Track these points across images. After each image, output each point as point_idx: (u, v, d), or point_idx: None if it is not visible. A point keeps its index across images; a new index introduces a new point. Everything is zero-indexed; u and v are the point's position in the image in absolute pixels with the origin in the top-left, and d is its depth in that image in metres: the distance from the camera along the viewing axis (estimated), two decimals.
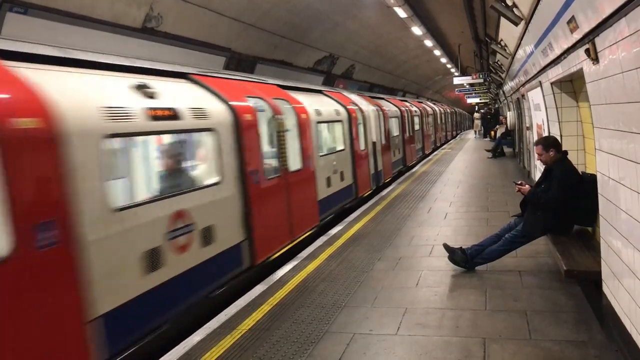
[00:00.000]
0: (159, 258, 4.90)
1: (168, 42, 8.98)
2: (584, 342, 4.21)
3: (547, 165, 6.06)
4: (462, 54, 25.16)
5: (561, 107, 7.02)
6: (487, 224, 8.68)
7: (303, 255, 7.49)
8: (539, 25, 5.99)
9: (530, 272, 6.02)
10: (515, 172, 15.25)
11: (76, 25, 7.04)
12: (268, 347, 4.53)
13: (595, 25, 3.70)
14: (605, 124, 3.89)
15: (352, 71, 19.65)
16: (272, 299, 5.73)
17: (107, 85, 4.99)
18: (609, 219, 4.03)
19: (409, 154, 19.07)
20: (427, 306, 5.25)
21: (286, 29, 12.50)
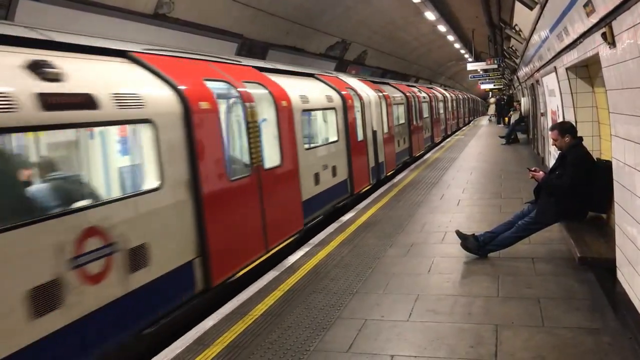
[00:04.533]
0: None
1: (179, 29, 8.97)
2: (597, 330, 4.18)
3: (561, 151, 6.00)
4: (476, 39, 24.92)
5: (576, 93, 6.93)
6: (500, 210, 8.63)
7: (314, 241, 7.50)
8: (554, 9, 5.89)
9: (543, 259, 5.98)
10: (529, 159, 15.13)
11: (88, 11, 7.06)
12: (280, 333, 4.56)
13: (612, 9, 3.63)
14: (622, 110, 3.83)
15: (365, 57, 19.53)
16: (283, 285, 5.75)
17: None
18: (624, 205, 3.99)
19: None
20: (439, 293, 5.24)
21: (298, 14, 12.43)
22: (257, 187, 6.68)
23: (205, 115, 5.65)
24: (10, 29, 4.38)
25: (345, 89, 11.09)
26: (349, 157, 10.56)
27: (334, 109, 10.18)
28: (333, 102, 10.18)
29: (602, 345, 3.93)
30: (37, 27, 4.80)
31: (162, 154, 4.95)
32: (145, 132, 4.94)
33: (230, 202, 5.98)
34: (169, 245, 4.97)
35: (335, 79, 11.52)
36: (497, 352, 3.95)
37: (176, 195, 5.12)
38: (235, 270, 6.00)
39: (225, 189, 5.89)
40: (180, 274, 5.12)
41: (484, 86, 38.33)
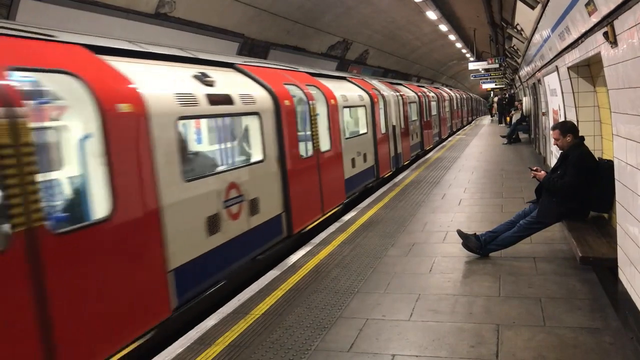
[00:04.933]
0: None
1: (181, 28, 8.98)
2: (598, 329, 4.18)
3: (563, 151, 5.99)
4: (477, 38, 24.91)
5: (578, 92, 6.91)
6: (501, 210, 8.62)
7: (316, 241, 7.50)
8: (556, 9, 5.88)
9: (544, 258, 5.98)
10: (531, 158, 15.11)
11: (90, 11, 7.07)
12: (281, 332, 4.56)
13: (614, 8, 3.62)
14: (623, 109, 3.82)
15: (366, 56, 19.53)
16: (285, 285, 5.75)
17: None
18: (625, 205, 3.98)
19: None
20: (440, 292, 5.24)
21: (299, 13, 12.43)
22: (317, 166, 8.61)
23: (287, 110, 7.56)
24: (166, 50, 6.24)
25: (371, 90, 12.96)
26: (375, 147, 12.46)
27: (364, 106, 12.08)
28: (363, 100, 12.00)
29: (603, 344, 3.93)
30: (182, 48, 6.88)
31: (264, 138, 6.97)
32: (255, 122, 6.94)
33: (302, 174, 7.99)
34: (268, 201, 6.98)
35: (362, 81, 13.34)
36: (499, 351, 3.95)
37: (272, 167, 7.15)
38: (305, 224, 8.05)
39: (299, 165, 7.89)
40: (275, 222, 7.18)
41: (486, 86, 38.37)
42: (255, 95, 6.91)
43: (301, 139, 8.13)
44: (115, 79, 4.68)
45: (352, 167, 10.68)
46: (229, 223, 5.98)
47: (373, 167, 12.24)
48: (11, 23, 4.75)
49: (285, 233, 7.39)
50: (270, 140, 7.09)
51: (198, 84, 5.83)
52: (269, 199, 6.95)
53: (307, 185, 8.17)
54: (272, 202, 7.07)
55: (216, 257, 5.71)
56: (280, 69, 8.76)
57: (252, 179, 6.53)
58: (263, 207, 6.74)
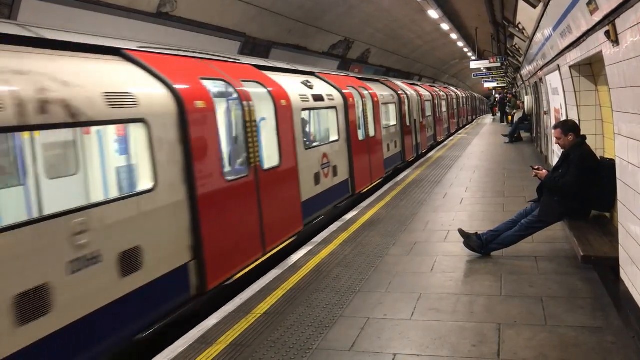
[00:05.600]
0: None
1: (182, 27, 8.98)
2: (600, 328, 4.17)
3: (565, 150, 5.98)
4: (479, 37, 24.87)
5: (579, 91, 6.90)
6: (503, 209, 8.62)
7: (317, 240, 7.50)
8: (557, 7, 5.87)
9: (546, 257, 5.97)
10: (533, 157, 15.10)
11: (91, 10, 7.07)
12: (282, 331, 4.56)
13: (615, 7, 3.61)
14: (625, 108, 3.82)
15: (368, 55, 19.52)
16: (286, 284, 5.76)
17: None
18: (627, 204, 3.97)
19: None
20: (442, 291, 5.24)
21: (301, 12, 12.43)
22: (368, 146, 11.64)
23: (351, 106, 10.63)
24: (284, 65, 9.67)
25: (399, 90, 15.95)
26: (402, 136, 15.48)
27: (394, 103, 15.17)
28: (394, 99, 15.15)
29: (605, 344, 3.93)
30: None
31: (339, 124, 9.99)
32: (332, 113, 9.98)
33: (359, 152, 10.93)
34: (342, 168, 9.91)
35: (391, 83, 16.50)
36: (500, 351, 3.95)
37: (343, 145, 10.10)
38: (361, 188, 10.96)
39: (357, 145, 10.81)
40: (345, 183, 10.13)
41: (487, 84, 38.34)
42: (333, 95, 10.03)
43: (365, 123, 11.61)
44: (274, 85, 7.70)
45: (388, 151, 13.70)
46: (324, 179, 9.07)
47: (400, 152, 15.25)
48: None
49: (350, 192, 10.46)
50: (342, 126, 10.17)
51: (305, 88, 8.96)
52: (341, 167, 9.92)
53: (362, 160, 11.08)
54: (343, 169, 10.05)
55: (318, 200, 8.75)
56: (343, 75, 12.43)
57: (333, 152, 9.55)
58: (339, 172, 9.80)
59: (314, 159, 8.63)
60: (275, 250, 6.89)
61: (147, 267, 4.59)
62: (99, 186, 5.33)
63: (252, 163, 6.46)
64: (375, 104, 12.64)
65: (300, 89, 8.57)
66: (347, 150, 10.32)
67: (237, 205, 6.08)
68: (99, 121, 4.44)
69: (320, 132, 10.52)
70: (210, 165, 5.57)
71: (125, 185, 5.29)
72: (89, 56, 4.82)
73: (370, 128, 11.97)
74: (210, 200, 5.47)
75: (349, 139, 10.36)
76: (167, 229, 4.92)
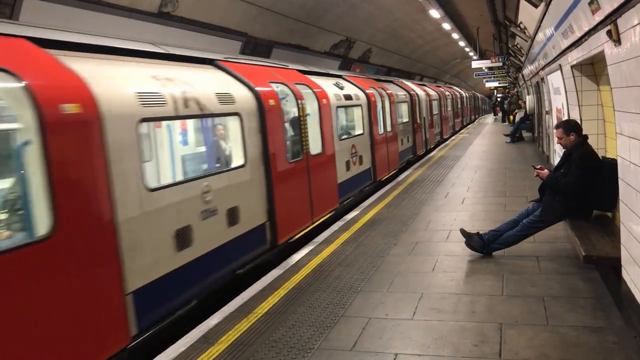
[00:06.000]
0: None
1: (184, 27, 8.98)
2: (601, 328, 4.17)
3: (566, 149, 5.98)
4: (480, 37, 24.84)
5: (581, 91, 6.89)
6: (504, 209, 8.61)
7: (319, 240, 7.50)
8: (559, 7, 5.86)
9: (548, 257, 5.97)
10: (534, 157, 15.08)
11: (93, 10, 7.08)
12: (284, 331, 4.56)
13: (617, 6, 3.61)
14: (627, 108, 3.81)
15: (369, 55, 19.52)
16: (287, 283, 5.76)
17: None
18: (629, 204, 3.97)
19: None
20: (443, 291, 5.24)
21: (302, 12, 12.42)
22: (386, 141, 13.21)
23: (373, 104, 12.21)
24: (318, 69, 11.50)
25: (411, 90, 17.59)
26: (413, 132, 17.09)
27: (407, 102, 16.61)
28: (406, 98, 16.62)
29: (606, 344, 3.92)
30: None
31: (363, 121, 11.56)
32: (358, 110, 11.51)
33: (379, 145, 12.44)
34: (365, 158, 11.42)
35: (403, 83, 18.04)
36: (501, 350, 3.95)
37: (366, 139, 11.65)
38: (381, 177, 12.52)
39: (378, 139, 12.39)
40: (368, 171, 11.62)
41: (489, 84, 38.29)
42: (359, 94, 11.48)
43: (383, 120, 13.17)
44: (317, 86, 9.19)
45: (402, 145, 15.13)
46: (353, 166, 10.50)
47: (412, 146, 16.88)
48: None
49: (372, 179, 11.90)
50: (366, 122, 11.61)
51: (337, 89, 10.42)
52: (365, 157, 11.36)
53: (381, 152, 12.62)
54: (367, 159, 11.48)
55: (349, 183, 10.18)
56: (363, 78, 13.84)
57: (359, 144, 10.99)
58: (364, 161, 11.23)
59: (346, 149, 10.28)
60: (319, 221, 8.45)
61: (242, 222, 6.13)
62: (214, 159, 6.99)
63: (305, 149, 8.12)
64: (392, 103, 14.18)
65: (334, 90, 10.17)
66: (370, 143, 11.83)
67: (296, 182, 7.71)
68: (215, 114, 6.01)
69: (349, 127, 11.72)
70: (279, 149, 7.12)
71: (229, 161, 6.62)
72: (195, 65, 6.34)
73: (388, 124, 13.53)
74: (279, 176, 7.03)
75: (371, 133, 11.91)
76: (253, 195, 6.50)
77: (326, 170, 9.00)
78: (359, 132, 11.39)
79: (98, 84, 4.26)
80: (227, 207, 5.82)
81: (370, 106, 11.85)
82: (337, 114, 9.86)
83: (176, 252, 4.94)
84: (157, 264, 4.69)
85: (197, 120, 6.97)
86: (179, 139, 7.36)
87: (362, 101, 11.49)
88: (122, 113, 4.42)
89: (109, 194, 4.16)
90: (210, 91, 5.88)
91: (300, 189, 7.81)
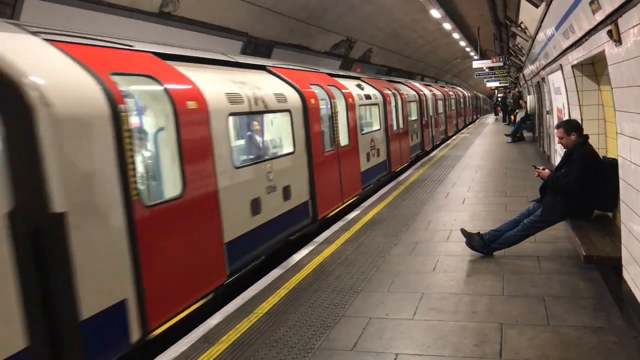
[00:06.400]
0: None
1: (185, 27, 8.98)
2: (602, 328, 4.17)
3: (567, 149, 5.97)
4: (481, 37, 24.85)
5: (582, 91, 6.89)
6: (505, 209, 8.61)
7: (319, 240, 7.50)
8: (560, 7, 5.86)
9: (548, 257, 5.97)
10: (535, 157, 15.07)
11: (94, 10, 7.08)
12: (284, 331, 4.57)
13: (618, 6, 3.61)
14: (628, 107, 3.81)
15: (370, 55, 19.51)
16: (288, 283, 5.76)
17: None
18: (630, 204, 3.97)
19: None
20: (444, 291, 5.24)
21: (303, 12, 12.42)
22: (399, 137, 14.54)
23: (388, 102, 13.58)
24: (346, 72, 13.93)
25: (419, 90, 18.97)
26: (422, 129, 18.43)
27: (416, 102, 17.88)
28: (415, 98, 17.84)
29: (607, 344, 3.92)
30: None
31: (380, 116, 12.96)
32: (376, 108, 12.90)
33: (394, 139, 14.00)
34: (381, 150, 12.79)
35: (412, 84, 19.52)
36: (502, 350, 3.95)
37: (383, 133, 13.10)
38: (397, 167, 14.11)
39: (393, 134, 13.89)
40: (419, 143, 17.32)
41: (490, 84, 38.25)
42: (376, 94, 12.84)
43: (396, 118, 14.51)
44: (345, 87, 10.78)
45: (412, 140, 16.55)
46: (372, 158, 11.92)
47: (421, 142, 18.11)
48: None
49: (387, 170, 13.28)
50: (382, 118, 13.09)
51: (359, 89, 11.70)
52: (382, 150, 12.79)
53: (395, 146, 13.91)
54: (383, 152, 12.92)
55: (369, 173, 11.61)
56: (378, 79, 15.23)
57: (376, 138, 12.36)
58: (380, 154, 12.68)
59: (367, 142, 11.60)
60: (347, 202, 9.89)
61: (292, 198, 7.55)
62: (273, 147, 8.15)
63: (336, 141, 9.49)
64: (404, 102, 15.61)
65: (357, 90, 11.48)
66: (386, 138, 13.15)
67: (330, 169, 9.06)
68: (274, 110, 7.39)
69: (369, 123, 12.83)
70: (318, 140, 8.51)
71: (283, 149, 7.97)
72: (251, 71, 7.66)
73: (400, 121, 14.90)
74: (317, 163, 8.41)
75: (386, 129, 13.24)
76: (299, 177, 7.90)
77: (352, 160, 10.38)
78: (377, 127, 12.75)
79: (204, 87, 5.64)
80: (282, 185, 7.22)
81: (385, 105, 13.23)
82: (359, 111, 11.22)
83: (252, 217, 6.34)
84: (240, 223, 6.09)
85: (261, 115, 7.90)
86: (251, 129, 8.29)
87: (379, 100, 12.90)
88: (220, 108, 5.79)
89: (213, 168, 5.54)
90: (270, 92, 7.27)
91: (333, 175, 9.24)
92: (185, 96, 5.19)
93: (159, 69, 5.20)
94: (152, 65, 5.20)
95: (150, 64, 5.20)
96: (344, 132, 10.10)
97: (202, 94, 5.47)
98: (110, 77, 4.29)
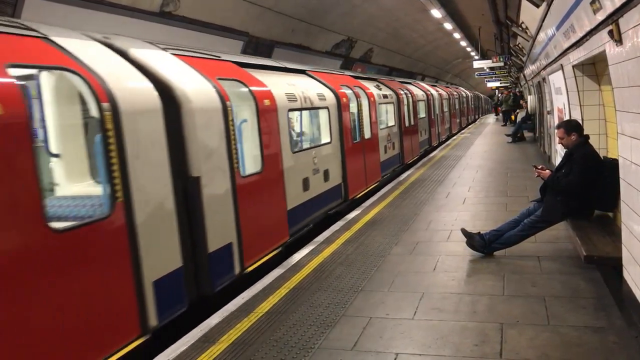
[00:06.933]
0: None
1: (185, 27, 8.98)
2: (602, 328, 4.17)
3: (568, 149, 5.97)
4: (482, 37, 24.83)
5: (583, 91, 6.89)
6: (506, 209, 8.61)
7: (320, 239, 7.50)
8: (560, 7, 5.86)
9: (549, 257, 5.96)
10: (536, 157, 15.06)
11: (94, 9, 7.08)
12: (285, 330, 4.57)
13: (619, 6, 3.60)
14: (628, 107, 3.81)
15: (370, 55, 19.52)
16: (288, 283, 5.76)
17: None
18: (630, 204, 3.97)
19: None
20: (444, 291, 5.24)
21: (304, 12, 12.42)
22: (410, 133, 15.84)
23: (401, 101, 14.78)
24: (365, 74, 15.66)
25: (427, 90, 20.14)
26: (429, 126, 19.62)
27: (424, 100, 19.00)
28: (424, 97, 18.95)
29: (607, 343, 3.92)
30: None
31: (395, 115, 14.24)
32: (391, 106, 14.14)
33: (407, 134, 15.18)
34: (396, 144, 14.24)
35: (419, 84, 20.92)
36: (502, 350, 3.95)
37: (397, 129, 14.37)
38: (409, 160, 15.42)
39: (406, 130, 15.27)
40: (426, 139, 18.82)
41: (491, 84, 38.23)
42: (392, 94, 14.17)
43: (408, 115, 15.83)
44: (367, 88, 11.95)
45: (421, 136, 17.90)
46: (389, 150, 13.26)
47: (428, 138, 19.51)
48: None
49: (400, 162, 14.52)
50: (396, 116, 14.30)
51: (378, 90, 12.91)
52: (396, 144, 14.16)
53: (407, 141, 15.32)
54: (397, 146, 14.26)
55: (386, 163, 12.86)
56: (390, 80, 16.49)
57: (392, 133, 13.74)
58: (395, 147, 13.98)
59: (385, 136, 12.95)
60: (370, 187, 11.24)
61: (330, 180, 9.02)
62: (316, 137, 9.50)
63: (361, 134, 10.84)
64: (414, 101, 16.86)
65: (376, 90, 12.74)
66: (399, 133, 14.51)
67: (357, 157, 10.45)
68: (317, 107, 8.81)
69: (385, 119, 13.86)
70: (348, 133, 9.97)
71: (323, 138, 9.32)
72: (295, 75, 9.14)
73: (411, 118, 16.31)
74: (348, 152, 9.87)
75: (400, 125, 14.58)
76: (335, 163, 9.34)
77: (374, 151, 11.82)
78: (392, 124, 14.05)
79: (273, 88, 7.09)
80: (323, 169, 8.70)
81: (399, 104, 14.67)
82: (379, 109, 12.65)
83: (303, 192, 7.81)
84: (297, 196, 7.54)
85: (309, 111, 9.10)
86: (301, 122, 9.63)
87: (393, 99, 14.35)
88: (283, 106, 7.26)
89: (280, 152, 7.01)
90: (314, 92, 8.74)
91: (359, 163, 10.63)
92: (263, 96, 6.71)
93: (242, 75, 6.69)
94: (237, 72, 6.69)
95: (236, 71, 6.70)
96: (368, 126, 11.44)
97: (272, 93, 6.97)
98: (218, 81, 5.78)
